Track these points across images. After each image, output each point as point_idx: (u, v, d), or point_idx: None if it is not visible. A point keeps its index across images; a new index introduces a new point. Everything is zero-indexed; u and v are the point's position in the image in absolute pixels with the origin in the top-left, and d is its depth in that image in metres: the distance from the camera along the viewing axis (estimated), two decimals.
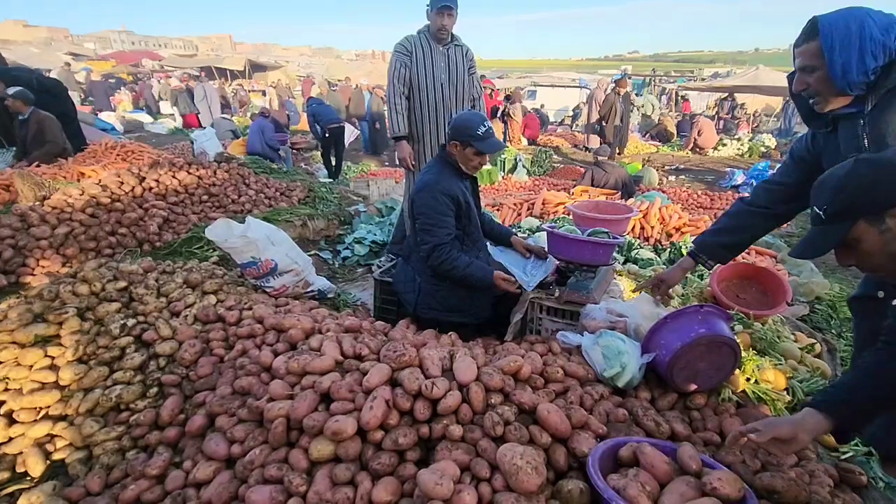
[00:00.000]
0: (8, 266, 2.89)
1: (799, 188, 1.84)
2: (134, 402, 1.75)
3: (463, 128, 2.23)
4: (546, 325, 2.40)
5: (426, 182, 2.20)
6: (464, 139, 2.22)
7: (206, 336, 2.02)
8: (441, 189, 2.18)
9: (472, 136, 2.21)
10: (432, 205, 2.17)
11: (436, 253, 2.17)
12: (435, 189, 2.17)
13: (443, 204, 2.18)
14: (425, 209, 2.17)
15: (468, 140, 2.22)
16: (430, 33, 3.25)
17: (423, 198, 2.17)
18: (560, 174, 9.92)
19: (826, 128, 1.67)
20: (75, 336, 1.92)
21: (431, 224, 2.17)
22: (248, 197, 4.30)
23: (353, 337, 1.85)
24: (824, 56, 1.46)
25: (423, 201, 2.17)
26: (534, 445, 1.32)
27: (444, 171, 2.27)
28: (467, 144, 2.23)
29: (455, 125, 2.26)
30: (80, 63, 24.35)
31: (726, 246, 2.10)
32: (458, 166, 2.31)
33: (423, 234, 2.18)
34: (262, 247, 2.62)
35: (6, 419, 1.68)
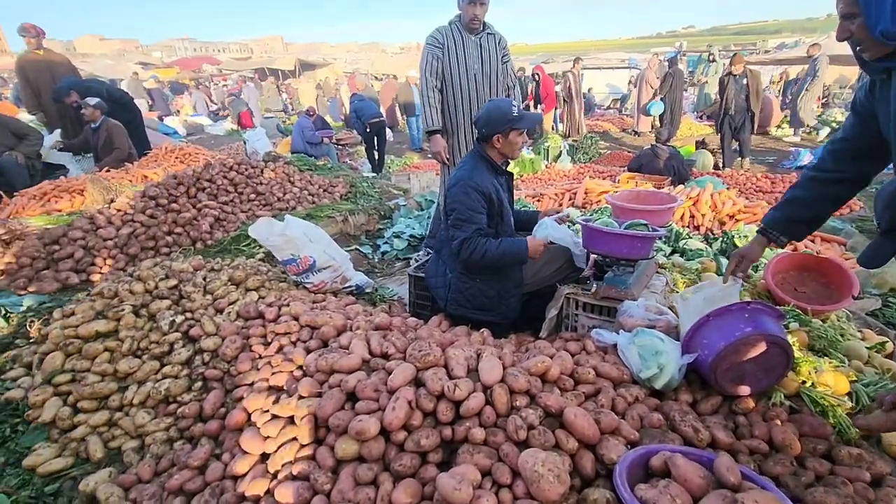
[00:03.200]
0: (79, 265, 3.15)
1: (866, 143, 1.61)
2: (181, 395, 1.87)
3: (498, 118, 2.21)
4: (582, 321, 2.32)
5: (459, 177, 2.18)
6: (504, 128, 2.21)
7: (246, 332, 2.11)
8: (474, 185, 2.16)
9: (511, 119, 2.20)
10: (463, 200, 2.15)
11: (464, 247, 2.15)
12: (467, 185, 2.15)
13: (475, 200, 2.16)
14: (457, 204, 2.15)
15: (508, 126, 2.21)
16: (462, 23, 3.19)
17: (455, 193, 2.16)
18: (607, 160, 9.54)
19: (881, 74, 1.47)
20: (130, 332, 2.07)
21: (462, 220, 2.15)
22: (292, 194, 4.45)
23: (381, 335, 1.87)
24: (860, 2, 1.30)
25: (455, 196, 2.15)
26: (559, 451, 1.28)
27: (479, 167, 2.24)
28: (509, 130, 2.22)
29: (488, 119, 2.22)
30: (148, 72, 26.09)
31: (799, 220, 1.87)
32: (494, 161, 2.28)
33: (454, 230, 2.17)
34: (300, 244, 2.70)
35: (72, 408, 1.84)
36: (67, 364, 1.98)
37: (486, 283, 2.27)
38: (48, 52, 5.94)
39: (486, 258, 2.16)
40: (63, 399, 1.88)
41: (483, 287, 2.27)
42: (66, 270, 3.07)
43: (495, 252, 2.16)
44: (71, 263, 3.12)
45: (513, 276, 2.30)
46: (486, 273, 2.27)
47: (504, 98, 2.43)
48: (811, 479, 1.40)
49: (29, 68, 5.86)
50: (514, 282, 2.30)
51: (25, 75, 5.89)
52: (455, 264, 2.31)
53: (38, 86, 5.88)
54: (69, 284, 3.03)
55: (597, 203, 4.79)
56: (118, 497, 1.51)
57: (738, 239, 3.34)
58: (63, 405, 1.85)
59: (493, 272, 2.27)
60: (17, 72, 6.03)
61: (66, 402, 1.86)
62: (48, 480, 1.61)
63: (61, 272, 3.05)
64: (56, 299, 2.84)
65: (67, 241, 3.24)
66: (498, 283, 2.28)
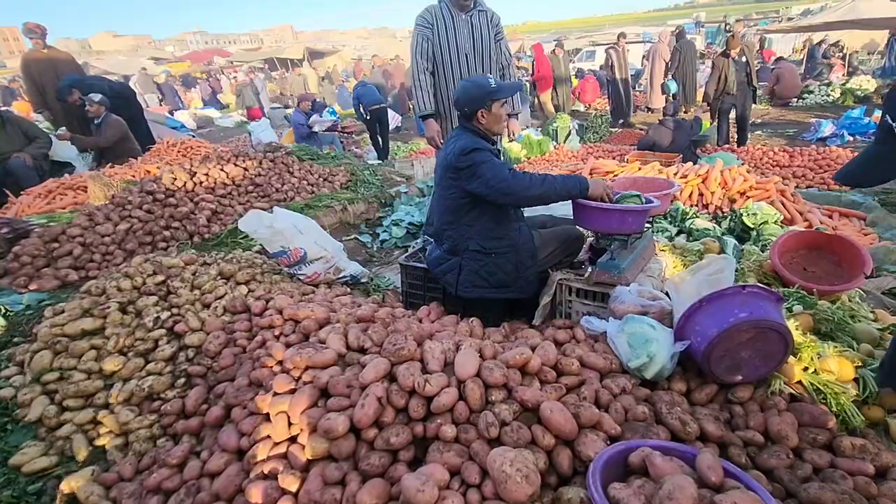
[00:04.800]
0: (78, 262, 3.17)
1: None
2: (164, 392, 1.86)
3: (476, 93, 2.15)
4: (576, 308, 2.24)
5: (464, 146, 2.08)
6: (487, 102, 2.15)
7: (231, 327, 2.09)
8: (482, 147, 2.10)
9: (491, 91, 2.15)
10: (482, 156, 2.06)
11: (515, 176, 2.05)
12: (475, 147, 2.08)
13: (489, 154, 2.10)
14: (478, 161, 2.05)
15: (489, 98, 2.15)
16: (452, 1, 3.07)
17: (469, 158, 2.06)
18: (617, 139, 9.28)
19: None
20: (116, 329, 2.06)
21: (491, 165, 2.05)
22: (290, 185, 4.41)
23: (361, 328, 1.83)
24: None
25: (471, 159, 2.06)
26: (535, 448, 1.22)
27: (474, 137, 2.16)
28: (492, 103, 2.16)
29: (468, 97, 2.14)
30: (160, 66, 26.24)
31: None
32: (484, 133, 2.19)
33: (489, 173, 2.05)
34: (289, 236, 2.66)
35: (58, 407, 1.85)
36: (55, 362, 1.99)
37: (501, 258, 2.20)
38: (52, 50, 5.97)
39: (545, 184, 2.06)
40: (50, 397, 1.89)
41: (499, 261, 2.20)
42: (65, 268, 3.09)
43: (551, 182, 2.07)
44: (70, 261, 3.14)
45: (527, 247, 2.23)
46: (503, 247, 2.20)
47: (478, 75, 2.36)
48: (808, 472, 1.32)
49: (33, 67, 5.92)
50: (528, 252, 2.23)
51: (30, 74, 5.95)
52: (465, 244, 2.23)
53: (43, 84, 5.93)
54: (69, 282, 3.05)
55: None
56: (98, 496, 1.51)
57: (746, 217, 3.19)
58: (50, 403, 1.86)
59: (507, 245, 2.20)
60: (23, 71, 6.09)
61: (53, 401, 1.87)
62: (32, 479, 1.62)
63: (60, 270, 3.08)
64: (55, 297, 2.87)
65: (66, 239, 3.26)
66: (514, 255, 2.21)
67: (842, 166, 0.97)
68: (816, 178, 5.36)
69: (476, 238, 2.24)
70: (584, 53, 21.69)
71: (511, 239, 2.24)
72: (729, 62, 6.66)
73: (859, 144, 7.29)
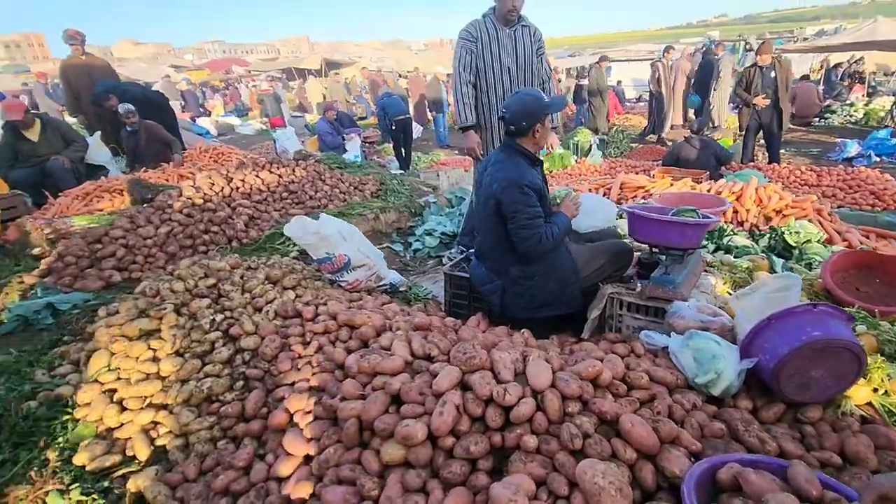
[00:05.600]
0: (121, 263, 3.22)
1: None
2: (223, 394, 1.87)
3: (534, 107, 2.19)
4: (627, 322, 2.23)
5: (510, 179, 2.11)
6: (542, 116, 2.19)
7: (285, 332, 2.10)
8: (526, 182, 2.12)
9: (546, 106, 2.21)
10: (523, 200, 2.10)
11: (543, 242, 2.12)
12: (521, 184, 2.10)
13: (532, 197, 2.12)
14: (518, 206, 2.10)
15: (545, 112, 2.20)
16: (497, 15, 3.11)
17: (512, 195, 2.10)
18: (639, 155, 9.29)
19: None
20: (172, 330, 2.09)
21: (529, 218, 2.11)
22: (323, 192, 4.46)
23: (422, 336, 1.83)
24: None
25: (514, 198, 2.10)
26: (617, 461, 1.21)
27: (521, 164, 2.19)
28: (545, 117, 2.20)
29: (525, 112, 2.16)
30: (180, 74, 26.79)
31: None
32: (531, 154, 2.21)
33: (522, 231, 2.11)
34: (334, 242, 2.69)
35: (118, 406, 1.86)
36: (113, 363, 2.01)
37: (543, 278, 2.21)
38: (90, 56, 6.13)
39: (556, 241, 2.16)
40: (109, 396, 1.91)
41: (542, 282, 2.21)
42: (108, 269, 3.14)
43: (558, 231, 2.16)
44: (113, 262, 3.19)
45: (567, 266, 2.24)
46: (542, 270, 2.21)
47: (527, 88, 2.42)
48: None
49: (70, 73, 6.08)
50: (570, 270, 2.24)
51: (67, 79, 6.11)
52: (506, 268, 2.26)
53: (79, 89, 6.09)
54: (112, 283, 3.10)
55: (633, 198, 4.64)
56: (165, 496, 1.52)
57: (788, 235, 3.17)
58: (110, 402, 1.88)
59: (546, 267, 2.21)
60: (60, 76, 6.25)
61: (113, 400, 1.89)
62: (98, 477, 1.63)
63: (104, 270, 3.13)
64: (100, 297, 2.91)
65: (109, 240, 3.31)
66: (555, 275, 2.22)
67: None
68: (847, 198, 5.31)
69: (517, 264, 2.26)
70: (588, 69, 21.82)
71: (549, 261, 2.25)
72: (755, 72, 6.53)
73: (887, 165, 7.23)
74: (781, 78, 6.38)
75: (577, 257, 2.27)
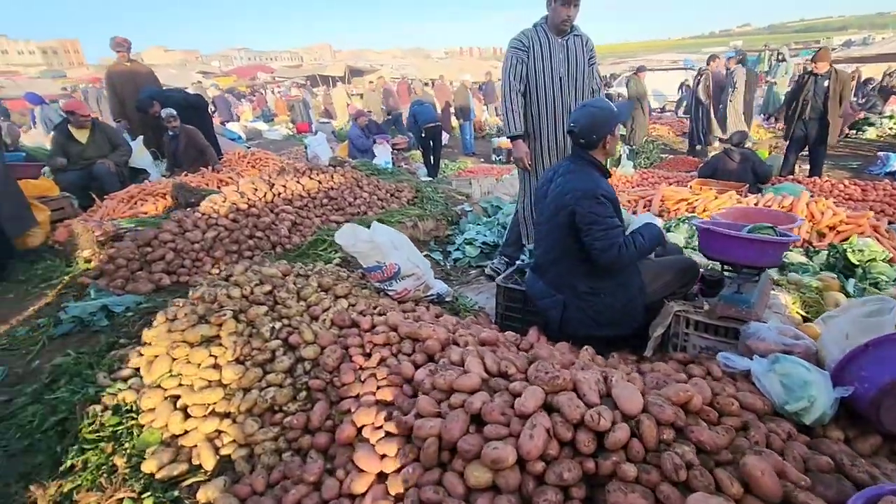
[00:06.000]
0: (170, 267, 3.25)
1: None
2: (286, 404, 1.85)
3: (606, 117, 2.15)
4: (693, 341, 2.15)
5: (585, 189, 2.06)
6: (613, 126, 2.15)
7: (344, 342, 2.08)
8: (602, 192, 2.07)
9: (617, 114, 2.17)
10: (600, 211, 2.05)
11: (621, 253, 2.05)
12: (597, 194, 2.05)
13: (609, 207, 2.07)
14: (596, 217, 2.04)
15: (616, 121, 2.17)
16: (550, 25, 3.08)
17: (589, 206, 2.04)
18: (670, 165, 9.13)
19: None
20: (232, 337, 2.08)
21: (605, 228, 2.05)
22: (362, 199, 4.47)
23: (491, 350, 1.79)
24: None
25: (591, 209, 2.04)
26: (724, 496, 1.14)
27: (593, 174, 2.14)
28: (615, 127, 2.17)
29: (597, 122, 2.12)
30: (208, 80, 27.45)
31: None
32: (601, 165, 2.17)
33: (600, 242, 2.05)
34: (386, 251, 2.67)
35: (182, 413, 1.86)
36: (174, 368, 2.01)
37: (611, 296, 2.15)
38: (135, 63, 6.30)
39: (639, 252, 2.09)
40: (173, 402, 1.91)
41: (609, 300, 2.15)
42: (158, 272, 3.18)
43: (643, 242, 2.10)
44: (163, 265, 3.23)
45: (636, 284, 2.18)
46: (612, 286, 2.15)
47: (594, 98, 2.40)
48: None
49: (116, 78, 6.24)
50: (638, 288, 2.18)
51: (113, 85, 6.27)
52: (569, 283, 2.20)
53: (124, 95, 6.24)
54: (161, 286, 3.13)
55: (676, 211, 4.53)
56: None
57: (851, 253, 3.04)
58: (174, 409, 1.87)
59: (616, 283, 2.14)
60: (106, 81, 6.43)
61: (176, 406, 1.89)
62: (167, 486, 1.62)
63: (154, 273, 3.17)
64: (151, 299, 2.94)
65: (159, 244, 3.36)
66: (624, 293, 2.16)
67: None
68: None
69: (583, 278, 2.20)
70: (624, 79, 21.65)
71: (618, 277, 2.18)
72: (809, 79, 6.28)
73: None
74: (835, 89, 6.09)
75: (644, 273, 2.21)
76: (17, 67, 65.83)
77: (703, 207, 4.42)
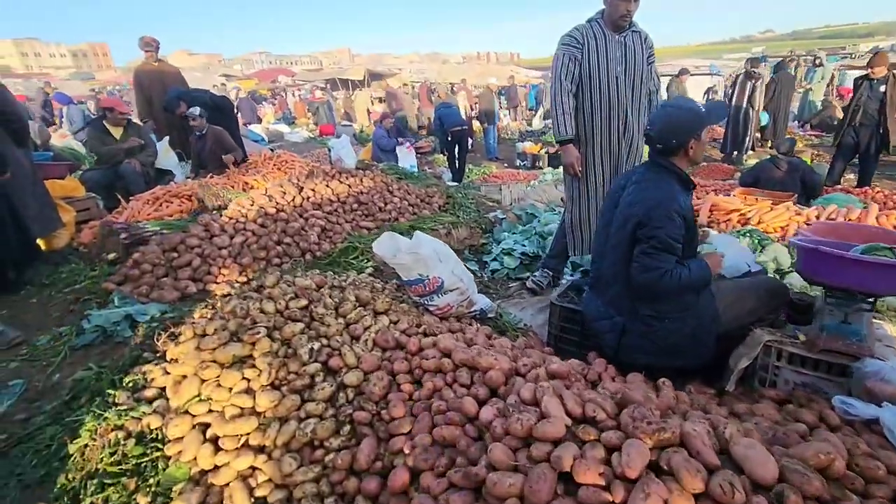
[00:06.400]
0: (196, 274, 3.09)
1: None
2: (328, 439, 1.63)
3: (692, 119, 1.91)
4: (785, 376, 1.88)
5: (657, 200, 1.82)
6: (697, 131, 1.91)
7: (389, 366, 1.86)
8: (677, 208, 1.82)
9: (703, 117, 1.92)
10: (668, 226, 1.80)
11: (663, 280, 1.81)
12: (671, 208, 1.81)
13: (678, 227, 1.82)
14: (659, 231, 1.80)
15: (703, 125, 1.92)
16: (607, 20, 2.84)
17: (658, 220, 1.80)
18: (704, 173, 8.76)
19: None
20: (267, 358, 1.88)
21: (661, 248, 1.81)
22: (393, 205, 4.27)
23: (563, 385, 1.55)
24: None
25: (660, 223, 1.80)
26: None
27: (671, 185, 1.89)
28: (700, 131, 1.92)
29: (681, 127, 1.89)
30: (230, 83, 27.77)
31: None
32: (682, 174, 1.92)
33: (647, 258, 1.82)
34: (431, 264, 2.45)
35: (212, 445, 1.66)
36: (203, 391, 1.81)
37: (677, 322, 1.90)
38: (162, 63, 6.23)
39: (680, 286, 1.83)
40: (202, 431, 1.71)
41: (674, 327, 1.90)
42: (184, 279, 3.01)
43: (688, 277, 1.84)
44: (189, 272, 3.07)
45: (708, 310, 1.92)
46: (678, 309, 1.90)
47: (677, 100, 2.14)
48: None
49: (143, 78, 6.18)
50: (710, 316, 1.91)
51: (140, 84, 6.21)
52: (630, 305, 1.96)
53: (151, 95, 6.18)
54: (188, 293, 2.96)
55: (726, 222, 4.23)
56: None
57: None
58: (203, 439, 1.67)
59: (682, 307, 1.89)
60: (134, 81, 6.38)
61: (206, 437, 1.69)
62: None
63: (180, 281, 3.00)
64: (177, 308, 2.77)
65: (185, 249, 3.20)
66: (693, 319, 1.90)
67: None
68: None
69: (649, 299, 1.95)
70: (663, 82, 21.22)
71: (688, 301, 1.93)
72: (864, 85, 5.95)
73: None
74: (892, 95, 5.76)
75: (720, 298, 1.94)
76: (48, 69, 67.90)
77: (758, 219, 4.12)
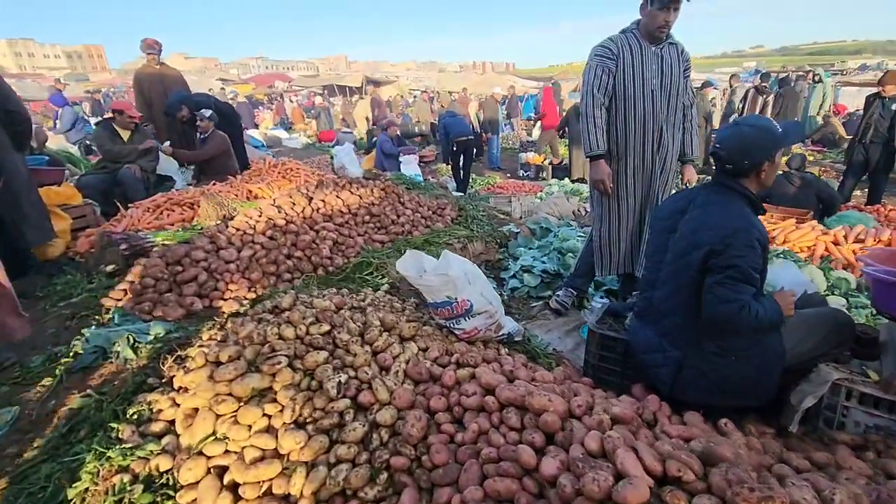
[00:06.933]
0: (202, 290, 2.90)
1: None
2: (363, 489, 1.46)
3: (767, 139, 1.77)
4: (855, 417, 1.74)
5: (736, 228, 1.68)
6: (774, 151, 1.77)
7: (424, 402, 1.69)
8: (758, 236, 1.68)
9: (780, 138, 1.77)
10: (750, 256, 1.66)
11: (741, 315, 1.65)
12: (752, 236, 1.67)
13: (759, 256, 1.68)
14: (741, 260, 1.65)
15: (778, 147, 1.78)
16: (643, 31, 2.72)
17: (739, 246, 1.65)
18: None
19: None
20: (289, 392, 1.70)
21: (740, 279, 1.66)
22: (406, 217, 4.10)
23: (628, 430, 1.39)
24: None
25: (740, 251, 1.65)
26: None
27: (743, 209, 1.75)
28: (776, 153, 1.79)
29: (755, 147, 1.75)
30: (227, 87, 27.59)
31: None
32: (753, 198, 1.78)
33: (724, 290, 1.66)
34: (460, 286, 2.29)
35: (231, 495, 1.47)
36: (219, 428, 1.63)
37: (742, 360, 1.75)
38: (163, 66, 6.06)
39: (757, 323, 1.67)
40: (219, 476, 1.53)
41: (738, 366, 1.75)
42: (190, 295, 2.82)
43: (765, 318, 1.68)
44: (194, 287, 2.88)
45: (774, 347, 1.77)
46: (745, 347, 1.75)
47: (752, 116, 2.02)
48: None
49: (144, 80, 6.00)
50: (776, 354, 1.76)
51: (140, 87, 6.03)
52: (690, 339, 1.80)
53: (151, 98, 6.00)
54: (193, 311, 2.77)
55: None
56: None
57: None
58: (221, 487, 1.49)
59: (750, 344, 1.74)
60: (134, 83, 6.19)
61: (224, 483, 1.51)
62: None
63: (185, 297, 2.81)
64: (182, 327, 2.58)
65: (190, 262, 3.01)
66: (758, 357, 1.75)
67: None
68: None
69: (713, 334, 1.79)
70: None
71: (755, 338, 1.77)
72: (876, 103, 5.93)
73: None
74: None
75: (787, 333, 1.80)
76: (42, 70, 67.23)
77: (783, 238, 4.01)
